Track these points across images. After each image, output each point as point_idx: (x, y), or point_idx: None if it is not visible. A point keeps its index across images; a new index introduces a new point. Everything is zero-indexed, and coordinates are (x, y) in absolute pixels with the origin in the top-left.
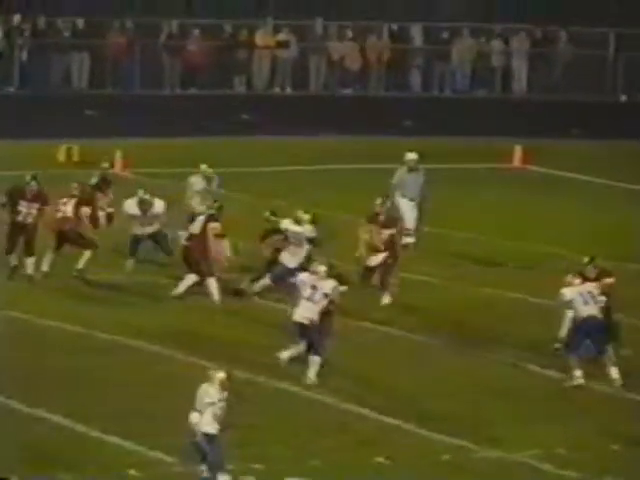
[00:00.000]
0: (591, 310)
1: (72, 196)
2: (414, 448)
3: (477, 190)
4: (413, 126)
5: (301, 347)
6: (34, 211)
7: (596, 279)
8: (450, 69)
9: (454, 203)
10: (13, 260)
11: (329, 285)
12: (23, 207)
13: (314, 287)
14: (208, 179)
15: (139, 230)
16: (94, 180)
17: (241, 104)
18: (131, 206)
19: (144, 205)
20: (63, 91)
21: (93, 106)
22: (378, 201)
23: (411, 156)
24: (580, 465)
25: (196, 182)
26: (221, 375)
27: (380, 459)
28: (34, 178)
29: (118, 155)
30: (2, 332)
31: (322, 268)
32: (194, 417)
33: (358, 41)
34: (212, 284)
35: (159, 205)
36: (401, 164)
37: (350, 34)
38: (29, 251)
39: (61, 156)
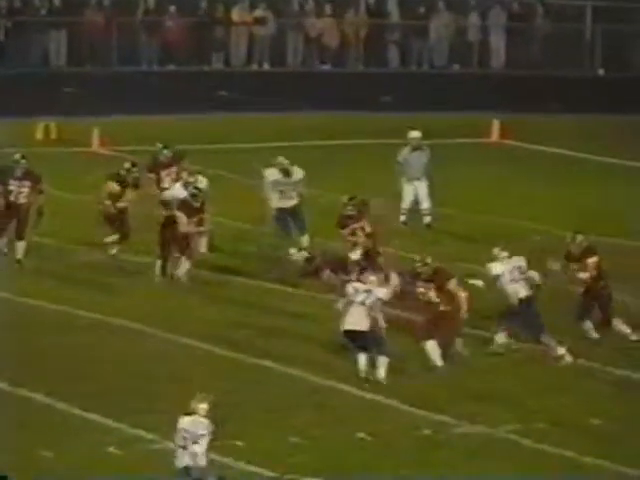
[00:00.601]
0: (518, 288)
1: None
2: (395, 424)
3: (456, 165)
4: (391, 102)
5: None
6: (25, 190)
7: (580, 257)
8: (428, 45)
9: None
10: (2, 247)
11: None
12: (14, 186)
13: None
14: (285, 171)
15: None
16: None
17: (219, 81)
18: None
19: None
20: (41, 69)
21: (71, 84)
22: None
23: (414, 134)
24: (560, 440)
25: (271, 174)
26: (205, 405)
27: (361, 435)
28: (23, 157)
29: (96, 133)
30: None
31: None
32: (197, 448)
33: (336, 17)
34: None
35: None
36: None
37: (328, 10)
38: (20, 234)
39: (39, 134)
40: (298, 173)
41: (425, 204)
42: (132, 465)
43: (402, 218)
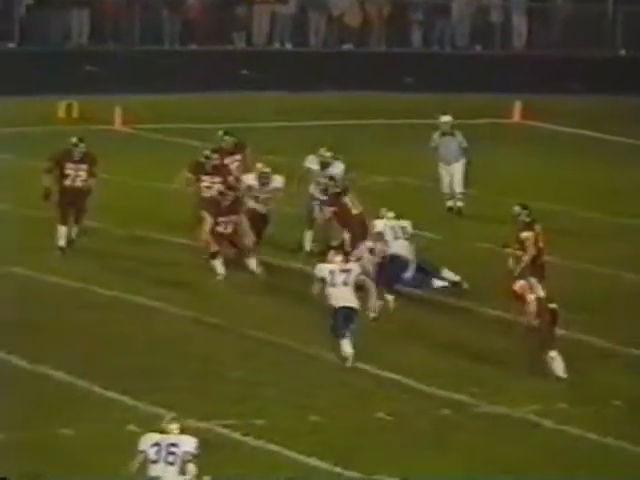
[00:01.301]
0: (398, 247)
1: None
2: (414, 403)
3: (477, 146)
4: (414, 82)
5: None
6: (83, 173)
7: (523, 229)
8: (450, 25)
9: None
10: (62, 238)
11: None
12: (71, 170)
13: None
14: (323, 164)
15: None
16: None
17: (241, 60)
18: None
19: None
20: (63, 47)
21: (93, 62)
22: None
23: (444, 119)
24: (581, 421)
25: (310, 162)
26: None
27: (380, 414)
28: (81, 140)
29: (118, 111)
30: (4, 288)
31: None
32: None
33: None
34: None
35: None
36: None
37: None
38: (78, 218)
39: (61, 112)
40: (336, 167)
41: (457, 188)
42: None
43: (448, 204)
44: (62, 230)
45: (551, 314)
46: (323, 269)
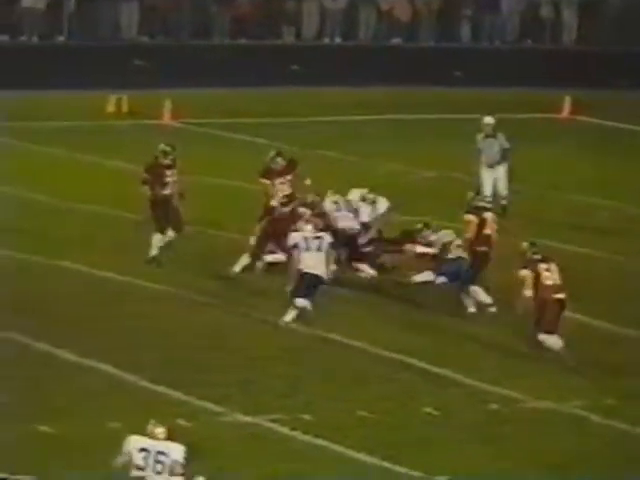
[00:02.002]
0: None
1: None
2: (462, 398)
3: (526, 141)
4: (463, 77)
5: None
6: (173, 179)
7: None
8: (500, 19)
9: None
10: (155, 247)
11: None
12: (170, 178)
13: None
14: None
15: None
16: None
17: (290, 54)
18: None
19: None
20: (112, 41)
21: (142, 56)
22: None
23: (487, 120)
24: (628, 416)
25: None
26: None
27: (428, 409)
28: (169, 146)
29: (167, 105)
30: (51, 283)
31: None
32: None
33: None
34: None
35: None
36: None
37: None
38: (177, 224)
39: (110, 107)
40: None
41: (502, 191)
42: (200, 437)
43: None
44: (157, 238)
45: (558, 303)
46: (296, 237)
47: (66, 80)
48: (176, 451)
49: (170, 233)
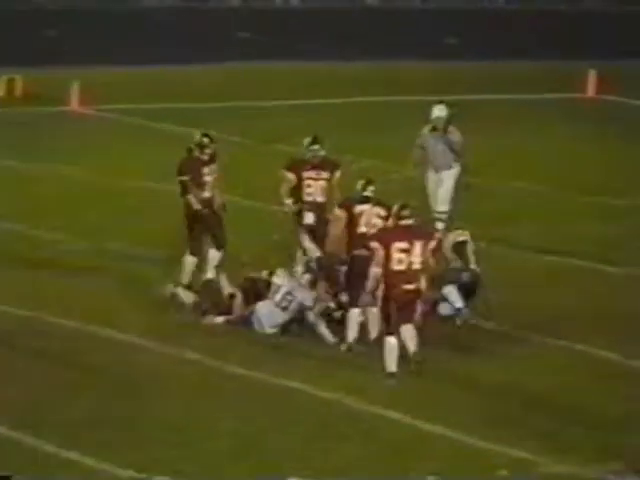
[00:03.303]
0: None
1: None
2: (464, 460)
3: (544, 126)
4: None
5: None
6: (212, 178)
7: None
8: None
9: (514, 146)
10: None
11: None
12: (208, 177)
13: None
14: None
15: None
16: None
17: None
18: None
19: None
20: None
21: (44, 23)
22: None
23: (436, 112)
24: None
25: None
26: None
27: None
28: (206, 135)
29: (75, 88)
30: None
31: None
32: None
33: None
34: None
35: None
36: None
37: None
38: (219, 240)
39: (1, 90)
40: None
41: (439, 205)
42: None
43: (439, 225)
44: (191, 262)
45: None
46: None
47: None
48: None
49: (213, 253)
